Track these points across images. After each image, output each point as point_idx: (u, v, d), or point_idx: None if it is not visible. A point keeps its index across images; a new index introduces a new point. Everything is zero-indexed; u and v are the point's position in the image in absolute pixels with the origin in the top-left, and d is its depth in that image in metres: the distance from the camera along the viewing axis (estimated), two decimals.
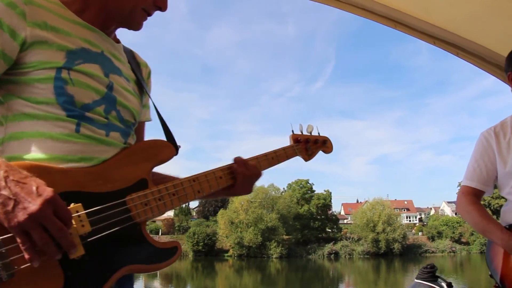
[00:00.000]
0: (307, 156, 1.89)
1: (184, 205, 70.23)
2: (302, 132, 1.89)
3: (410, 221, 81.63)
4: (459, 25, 3.06)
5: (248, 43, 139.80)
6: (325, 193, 67.99)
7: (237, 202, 58.55)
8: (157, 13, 1.44)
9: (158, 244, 1.31)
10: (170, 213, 74.11)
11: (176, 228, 66.95)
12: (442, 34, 3.09)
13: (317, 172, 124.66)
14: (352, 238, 63.51)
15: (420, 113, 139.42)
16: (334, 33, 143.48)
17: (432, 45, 3.17)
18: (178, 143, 1.50)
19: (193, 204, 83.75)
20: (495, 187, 2.45)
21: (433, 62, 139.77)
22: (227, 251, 60.46)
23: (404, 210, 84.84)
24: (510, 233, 2.15)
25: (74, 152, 1.22)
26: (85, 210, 1.14)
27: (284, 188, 69.04)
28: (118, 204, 1.24)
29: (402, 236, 60.68)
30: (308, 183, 68.32)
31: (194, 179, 1.46)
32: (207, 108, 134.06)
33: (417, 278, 3.02)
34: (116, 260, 1.21)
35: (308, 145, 1.89)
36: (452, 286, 2.92)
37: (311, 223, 62.99)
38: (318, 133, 1.95)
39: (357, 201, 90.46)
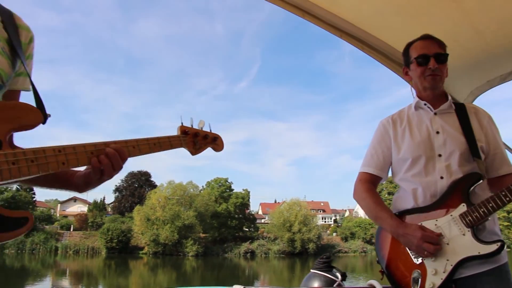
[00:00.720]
0: (194, 150, 1.79)
1: (99, 200, 67.78)
2: (192, 126, 1.79)
3: (325, 222, 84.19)
4: (364, 20, 3.12)
5: (175, 38, 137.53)
6: (243, 192, 68.39)
7: (154, 198, 57.39)
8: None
9: (5, 213, 1.16)
10: (83, 208, 71.41)
11: (90, 224, 64.24)
12: (348, 27, 3.14)
13: (236, 171, 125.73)
14: (269, 237, 64.31)
15: (340, 118, 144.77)
16: (261, 34, 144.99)
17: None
18: (48, 113, 1.33)
19: (109, 199, 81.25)
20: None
21: (354, 70, 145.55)
22: (142, 248, 59.11)
23: (320, 211, 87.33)
24: (399, 220, 2.20)
25: None
26: None
27: (203, 186, 68.69)
28: None
29: (317, 236, 62.30)
30: (227, 181, 68.39)
31: (60, 150, 1.29)
32: (129, 101, 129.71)
33: (313, 269, 3.05)
34: None
35: (196, 139, 1.79)
36: (346, 275, 2.98)
37: (228, 221, 63.04)
38: (210, 130, 1.86)
39: (275, 201, 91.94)
